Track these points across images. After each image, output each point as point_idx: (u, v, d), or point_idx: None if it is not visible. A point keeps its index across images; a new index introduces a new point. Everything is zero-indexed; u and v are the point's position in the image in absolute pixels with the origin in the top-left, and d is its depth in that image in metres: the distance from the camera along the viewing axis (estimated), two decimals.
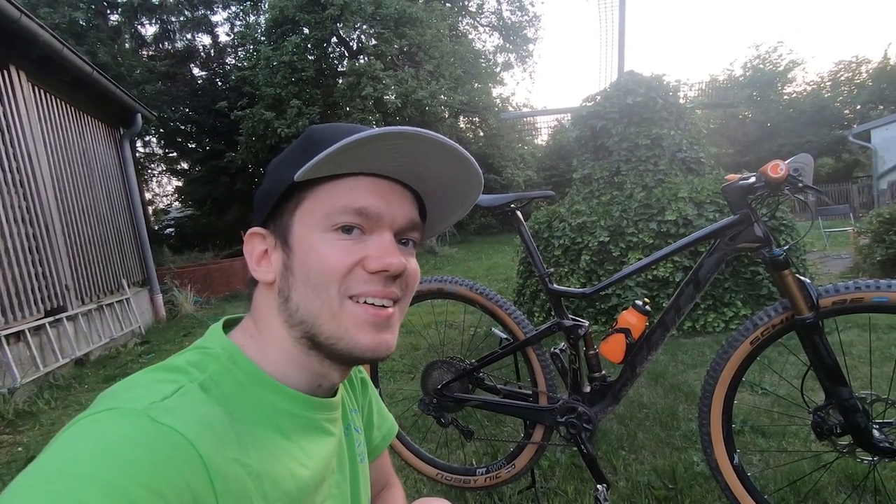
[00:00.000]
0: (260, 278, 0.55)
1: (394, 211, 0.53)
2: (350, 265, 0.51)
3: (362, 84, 11.50)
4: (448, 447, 2.12)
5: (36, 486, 0.36)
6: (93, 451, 0.38)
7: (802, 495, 1.61)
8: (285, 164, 0.54)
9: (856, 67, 22.94)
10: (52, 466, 0.37)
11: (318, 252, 0.51)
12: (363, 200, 0.51)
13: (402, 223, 0.54)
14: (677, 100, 4.48)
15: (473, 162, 0.54)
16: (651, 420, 2.28)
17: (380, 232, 0.53)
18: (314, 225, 0.52)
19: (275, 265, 0.54)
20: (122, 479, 0.36)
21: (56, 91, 5.01)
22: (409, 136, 0.49)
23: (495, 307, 1.63)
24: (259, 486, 0.45)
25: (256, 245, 0.56)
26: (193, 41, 19.08)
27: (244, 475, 0.44)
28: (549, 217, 4.33)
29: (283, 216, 0.54)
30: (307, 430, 0.55)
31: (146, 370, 0.49)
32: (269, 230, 0.56)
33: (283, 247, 0.54)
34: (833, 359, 1.23)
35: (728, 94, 21.26)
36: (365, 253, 0.52)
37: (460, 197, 0.60)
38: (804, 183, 1.21)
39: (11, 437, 2.95)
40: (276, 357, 0.54)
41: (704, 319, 3.58)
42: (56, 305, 4.40)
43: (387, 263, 0.51)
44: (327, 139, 0.50)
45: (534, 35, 20.12)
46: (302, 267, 0.52)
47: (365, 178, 0.52)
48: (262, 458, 0.47)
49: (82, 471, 0.36)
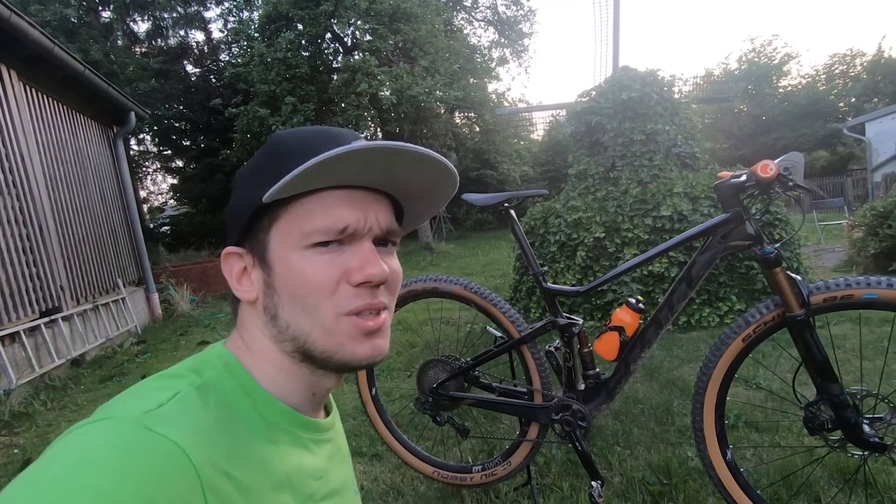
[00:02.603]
0: (242, 297, 0.55)
1: (371, 221, 0.53)
2: (335, 281, 0.50)
3: (357, 80, 11.43)
4: (444, 445, 2.13)
5: (29, 494, 0.36)
6: (86, 461, 0.38)
7: (795, 490, 1.62)
8: (252, 180, 0.53)
9: (850, 60, 22.95)
10: (45, 475, 0.37)
11: (300, 271, 0.50)
12: (341, 218, 0.50)
13: (380, 232, 0.54)
14: (672, 95, 4.49)
15: (448, 164, 0.53)
16: (646, 416, 2.29)
17: (359, 242, 0.52)
18: (292, 244, 0.51)
19: (256, 283, 0.54)
20: (116, 489, 0.36)
21: (48, 90, 4.97)
22: (380, 150, 0.47)
23: (490, 306, 1.64)
24: (247, 502, 0.45)
25: (234, 264, 0.55)
26: (186, 38, 18.94)
27: (233, 490, 0.44)
28: (545, 213, 4.34)
29: (258, 234, 0.53)
30: (296, 446, 0.54)
31: (147, 379, 0.49)
32: (246, 249, 0.55)
33: (261, 265, 0.53)
34: (824, 355, 1.25)
35: (723, 87, 21.29)
36: (346, 265, 0.51)
37: (436, 196, 0.60)
38: (794, 182, 1.21)
39: (7, 438, 2.94)
40: (266, 369, 0.54)
41: (699, 314, 3.59)
42: (51, 306, 4.38)
43: (369, 275, 0.50)
44: (294, 153, 0.49)
45: (529, 30, 20.09)
46: (285, 286, 0.51)
47: (339, 191, 0.51)
48: (251, 471, 0.47)
49: (76, 480, 0.36)
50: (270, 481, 0.49)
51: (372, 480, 1.94)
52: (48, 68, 4.68)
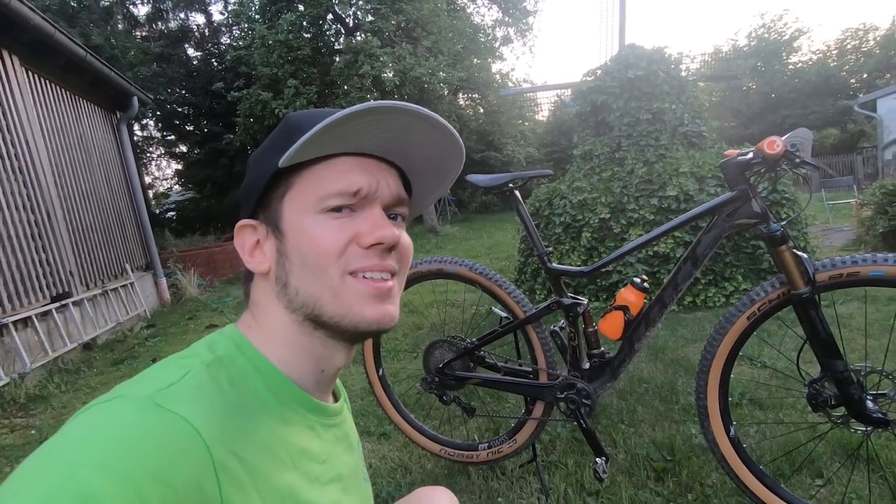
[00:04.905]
0: (254, 269, 0.56)
1: (382, 187, 0.54)
2: (344, 243, 0.51)
3: (360, 62, 11.29)
4: (451, 424, 2.16)
5: (42, 472, 0.36)
6: (98, 439, 0.38)
7: (797, 465, 1.64)
8: (267, 153, 0.54)
9: (863, 35, 22.39)
10: (58, 453, 0.37)
11: (312, 234, 0.51)
12: (354, 181, 0.52)
13: (390, 199, 0.55)
14: (679, 73, 4.41)
15: (456, 134, 0.55)
16: (650, 394, 2.31)
17: (370, 207, 0.53)
18: (305, 209, 0.52)
19: (268, 253, 0.55)
20: (128, 466, 0.36)
21: (50, 75, 4.96)
22: (392, 109, 0.48)
23: (495, 287, 1.64)
24: (253, 481, 0.45)
25: (247, 237, 0.56)
26: (187, 20, 18.78)
27: (241, 469, 0.44)
28: (550, 194, 4.31)
29: (271, 204, 0.54)
30: (304, 427, 0.54)
31: (160, 362, 0.50)
32: (259, 220, 0.56)
33: (275, 234, 0.54)
34: (828, 332, 1.25)
35: (732, 65, 20.91)
36: (357, 229, 0.52)
37: (444, 171, 0.61)
38: (801, 158, 1.20)
39: (24, 420, 3.02)
40: (277, 346, 0.54)
41: (705, 294, 3.59)
42: (61, 291, 4.45)
43: (380, 236, 0.52)
44: (306, 123, 0.50)
45: (533, 7, 19.71)
46: (297, 250, 0.52)
47: (351, 158, 0.53)
48: (260, 450, 0.47)
49: (88, 458, 0.37)
50: (279, 460, 0.49)
51: (380, 458, 1.98)
52: (50, 53, 4.66)
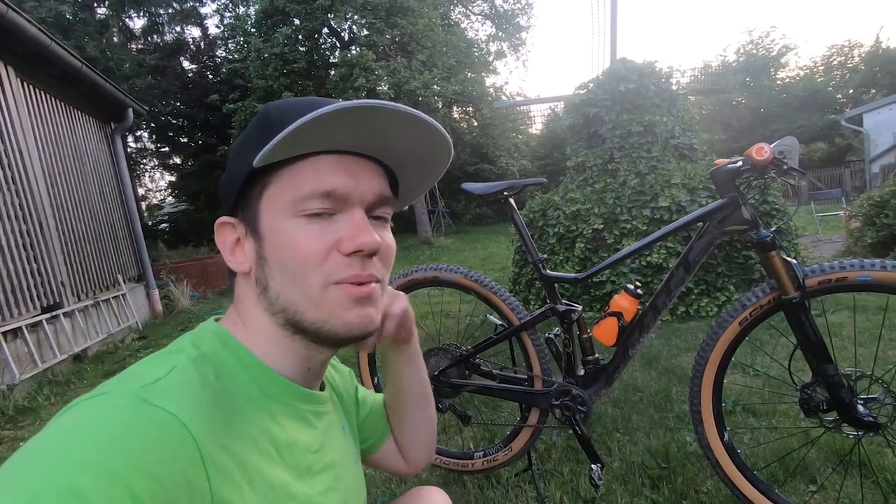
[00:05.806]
0: (235, 268, 0.54)
1: (362, 187, 0.51)
2: (325, 251, 0.49)
3: (354, 75, 11.41)
4: (446, 433, 2.15)
5: (27, 469, 0.35)
6: (84, 435, 0.37)
7: (791, 470, 1.65)
8: (245, 148, 0.52)
9: (848, 51, 22.92)
10: (43, 451, 0.36)
11: (291, 240, 0.49)
12: (330, 182, 0.49)
13: (372, 199, 0.52)
14: (670, 86, 4.49)
15: (440, 127, 0.52)
16: (645, 403, 2.32)
17: (350, 211, 0.51)
18: (282, 211, 0.50)
19: (248, 254, 0.53)
20: (114, 463, 0.36)
21: (45, 87, 4.96)
22: (367, 108, 0.45)
23: (490, 294, 1.65)
24: (245, 474, 0.44)
25: (228, 235, 0.54)
26: (183, 34, 18.89)
27: (231, 463, 0.43)
28: (544, 205, 4.35)
29: (249, 203, 0.52)
30: (294, 419, 0.54)
31: (145, 358, 0.49)
32: (238, 218, 0.54)
33: (253, 235, 0.52)
34: (819, 337, 1.26)
35: (721, 80, 21.26)
36: (338, 234, 0.50)
37: (430, 164, 0.58)
38: (789, 165, 1.23)
39: (12, 432, 2.97)
40: (262, 342, 0.53)
41: (697, 304, 3.62)
42: (52, 302, 4.40)
43: (360, 243, 0.49)
44: (284, 119, 0.47)
45: (526, 23, 20.04)
46: (276, 255, 0.50)
47: (329, 157, 0.50)
48: (249, 444, 0.46)
49: (73, 454, 0.36)
50: (268, 454, 0.48)
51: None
52: (46, 65, 4.67)
